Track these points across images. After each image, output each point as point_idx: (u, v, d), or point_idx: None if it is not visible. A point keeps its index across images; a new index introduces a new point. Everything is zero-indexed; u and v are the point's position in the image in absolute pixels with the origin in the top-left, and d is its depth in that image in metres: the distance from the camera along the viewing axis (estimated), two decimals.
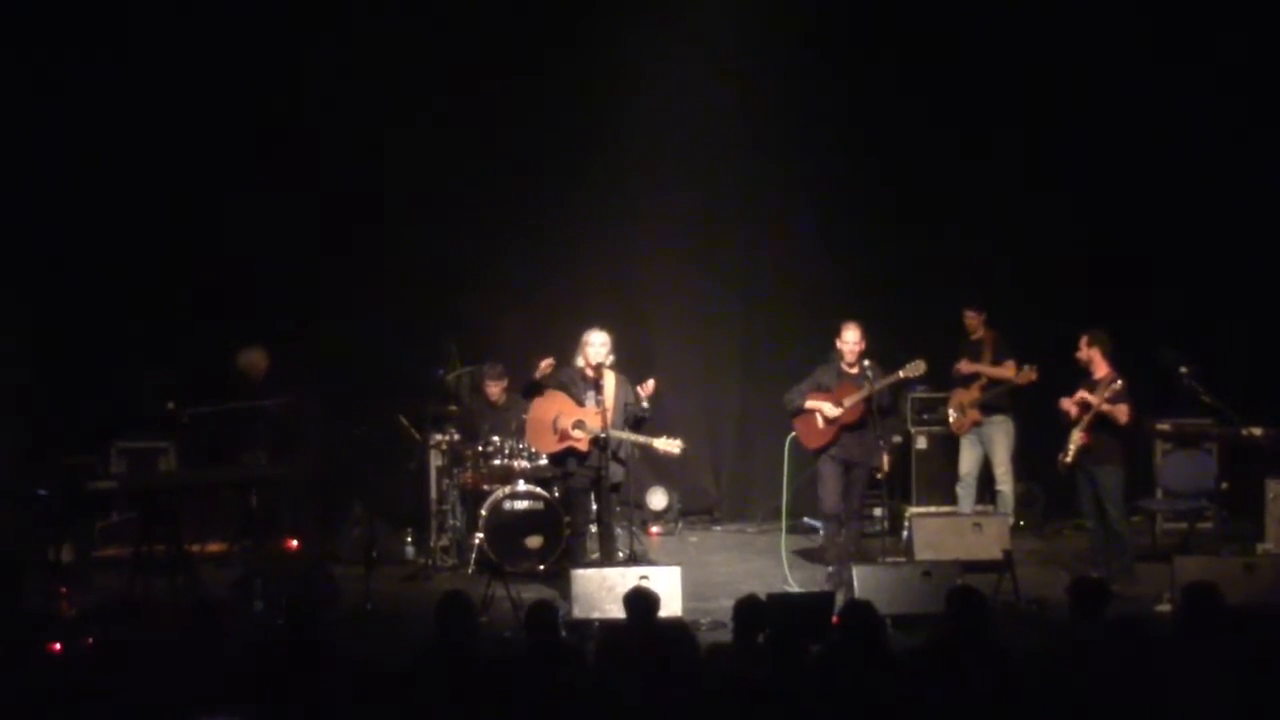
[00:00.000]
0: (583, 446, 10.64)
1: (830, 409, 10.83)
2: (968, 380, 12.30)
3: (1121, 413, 10.58)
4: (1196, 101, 13.05)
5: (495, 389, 12.19)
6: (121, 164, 12.81)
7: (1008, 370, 12.11)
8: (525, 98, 13.52)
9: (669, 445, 10.61)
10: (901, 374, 10.79)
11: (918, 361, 10.89)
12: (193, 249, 12.99)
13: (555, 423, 10.71)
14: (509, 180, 13.57)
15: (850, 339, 10.90)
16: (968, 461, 12.39)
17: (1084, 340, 10.78)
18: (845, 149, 13.59)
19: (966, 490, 12.34)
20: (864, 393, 10.66)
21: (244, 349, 12.13)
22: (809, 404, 10.96)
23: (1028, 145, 13.35)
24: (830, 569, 11.01)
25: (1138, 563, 10.89)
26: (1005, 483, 12.28)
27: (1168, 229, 13.24)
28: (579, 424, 10.62)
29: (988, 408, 12.23)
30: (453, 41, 13.28)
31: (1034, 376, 11.77)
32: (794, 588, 10.84)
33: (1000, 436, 12.29)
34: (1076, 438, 10.69)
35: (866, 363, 10.78)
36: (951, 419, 12.51)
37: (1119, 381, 10.55)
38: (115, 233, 12.87)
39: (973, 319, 12.44)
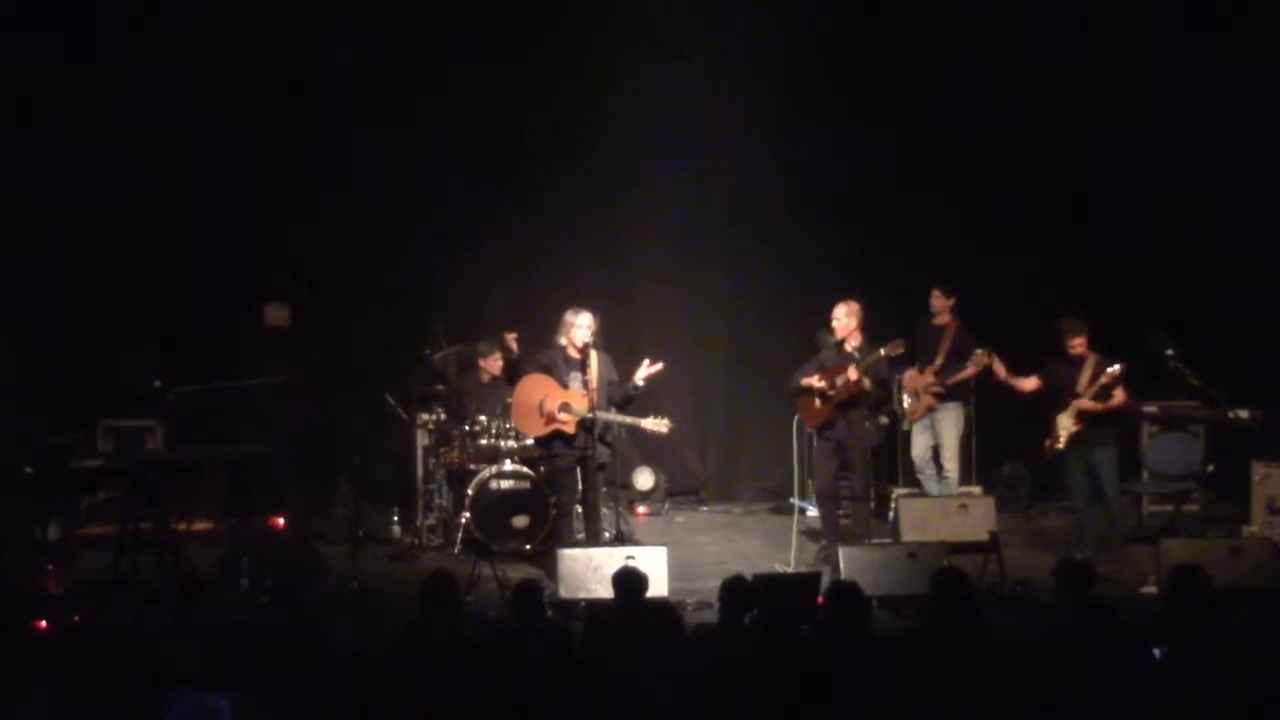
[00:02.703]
0: (569, 429, 10.63)
1: (817, 383, 10.88)
2: (925, 366, 12.14)
3: (1119, 397, 10.71)
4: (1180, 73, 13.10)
5: (496, 363, 12.17)
6: (111, 142, 12.78)
7: (969, 370, 11.99)
8: (514, 80, 13.50)
9: (657, 425, 10.60)
10: (883, 351, 10.77)
11: (897, 340, 10.88)
12: (180, 228, 12.98)
13: (541, 406, 10.68)
14: (497, 160, 13.55)
15: (837, 315, 10.98)
16: (920, 447, 12.22)
17: (1085, 338, 10.83)
18: (837, 129, 13.53)
19: (926, 475, 12.27)
20: (850, 370, 10.67)
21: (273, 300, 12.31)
22: (804, 381, 10.99)
23: (1023, 125, 13.35)
24: (821, 546, 11.07)
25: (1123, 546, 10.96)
26: (954, 468, 12.22)
27: (1153, 211, 13.26)
28: (565, 406, 10.60)
29: (946, 394, 12.12)
30: (446, 23, 13.27)
31: (988, 361, 11.66)
32: (788, 567, 10.84)
33: (952, 422, 12.14)
34: (1067, 424, 10.73)
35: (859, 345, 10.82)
36: (906, 405, 12.28)
37: (1118, 365, 10.59)
38: (103, 211, 12.84)
39: (939, 300, 12.22)
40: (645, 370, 10.69)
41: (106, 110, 12.74)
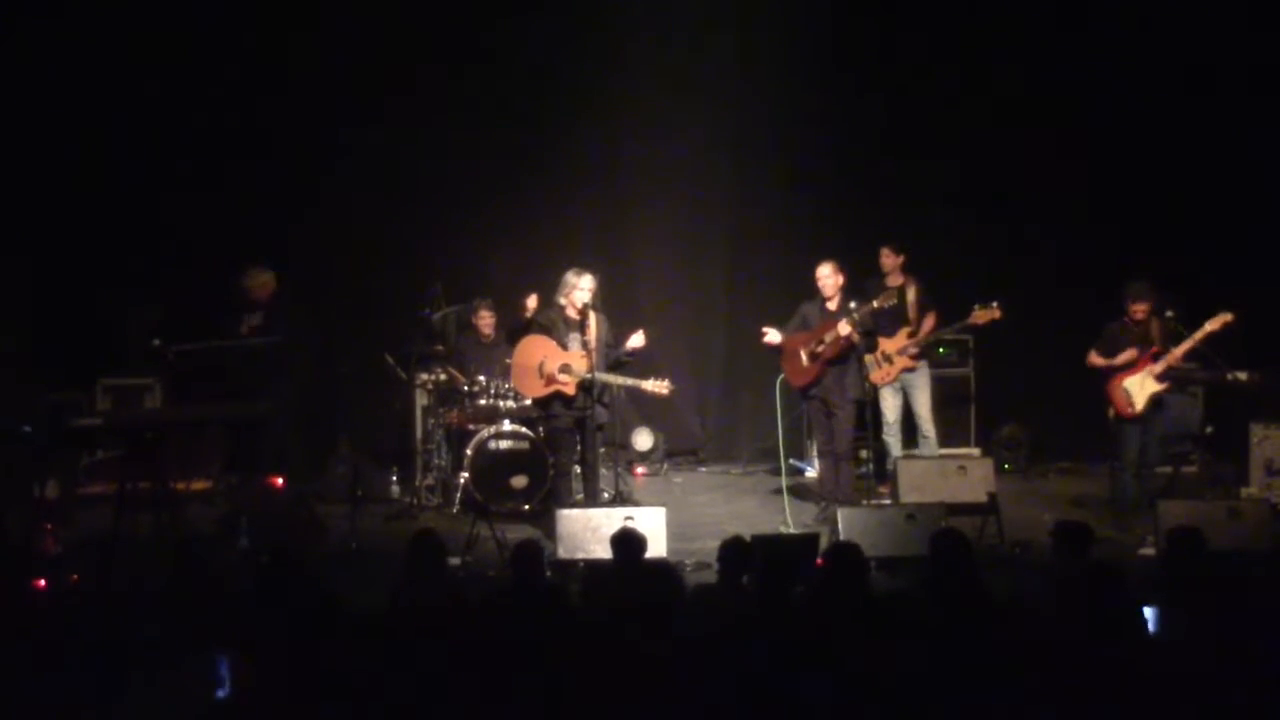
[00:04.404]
0: (570, 390, 10.62)
1: (805, 343, 10.94)
2: (890, 328, 12.01)
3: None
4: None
5: (487, 320, 12.19)
6: (111, 101, 12.80)
7: (929, 322, 11.97)
8: (516, 40, 13.48)
9: (658, 386, 10.61)
10: (875, 304, 10.78)
11: (890, 291, 10.90)
12: (182, 186, 12.97)
13: (541, 367, 10.67)
14: (498, 121, 13.54)
15: (821, 274, 11.05)
16: (892, 409, 12.19)
17: (1149, 304, 10.73)
18: (833, 92, 13.55)
19: (894, 438, 12.25)
20: (841, 325, 10.69)
21: (252, 270, 11.62)
22: (775, 339, 11.08)
23: (1022, 82, 13.34)
24: (821, 506, 11.11)
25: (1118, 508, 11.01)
26: (932, 429, 12.21)
27: (1152, 168, 13.23)
28: (565, 368, 10.59)
29: (920, 355, 12.08)
30: None
31: (997, 314, 11.60)
32: (790, 528, 10.86)
33: (924, 383, 12.15)
34: (1152, 386, 10.69)
35: (852, 304, 10.80)
36: (873, 370, 11.89)
37: (1229, 315, 10.57)
38: (104, 169, 12.84)
39: (889, 258, 12.11)
40: (635, 340, 10.68)
41: (110, 60, 12.74)
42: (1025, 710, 6.30)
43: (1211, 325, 10.54)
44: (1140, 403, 10.73)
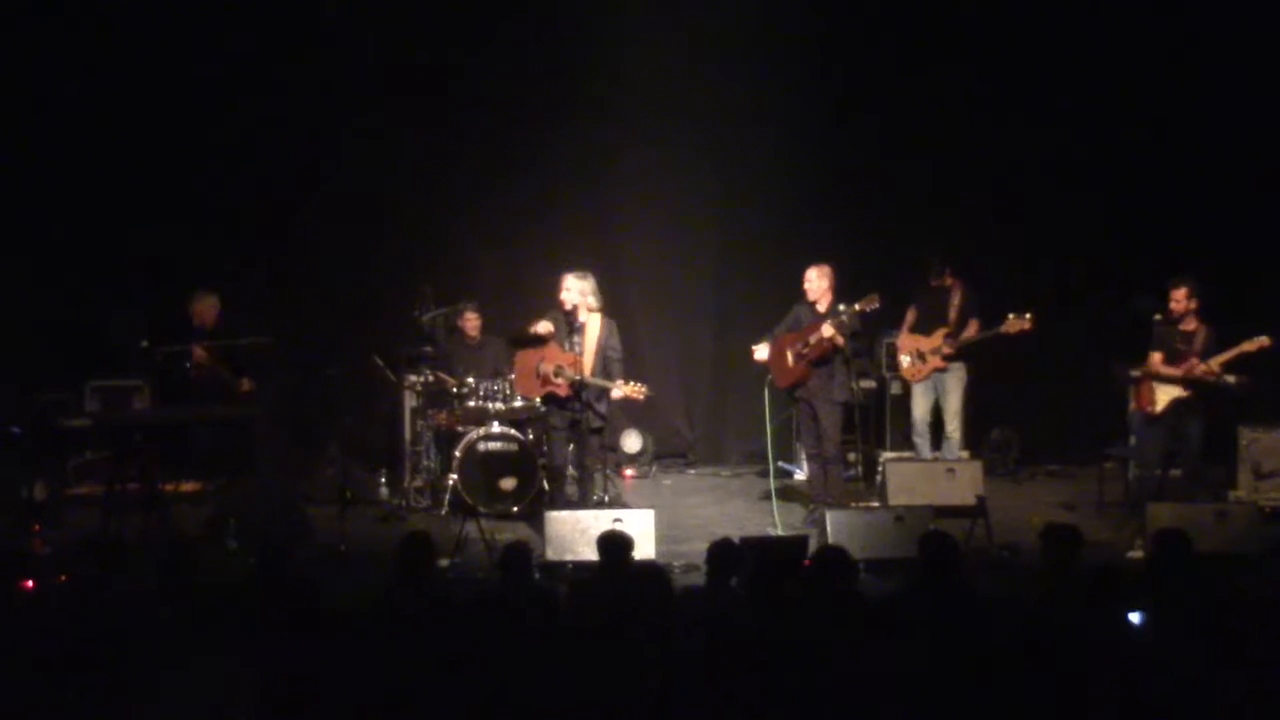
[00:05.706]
0: (563, 392, 10.63)
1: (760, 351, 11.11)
2: (929, 327, 12.15)
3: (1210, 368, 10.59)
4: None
5: (473, 322, 12.19)
6: (93, 103, 12.80)
7: (973, 328, 11.97)
8: (504, 40, 13.46)
9: (634, 390, 10.54)
10: (857, 307, 10.77)
11: (872, 295, 10.88)
12: (168, 186, 12.96)
13: (539, 368, 10.70)
14: (486, 122, 13.52)
15: (808, 278, 11.08)
16: (921, 408, 12.23)
17: (1185, 291, 10.61)
18: (823, 94, 13.55)
19: (923, 438, 12.27)
20: (824, 327, 10.71)
21: (198, 294, 11.78)
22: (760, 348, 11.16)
23: (1011, 86, 13.38)
24: (810, 508, 11.11)
25: (1110, 510, 11.00)
26: (957, 429, 12.23)
27: (1146, 169, 13.28)
28: (559, 369, 10.60)
29: (953, 355, 12.11)
30: None
31: (1028, 326, 11.58)
32: (778, 530, 10.87)
33: (956, 384, 12.14)
34: (1175, 392, 10.62)
35: (841, 307, 10.80)
36: (906, 365, 12.21)
37: (1266, 339, 10.43)
38: (89, 170, 12.84)
39: (935, 276, 12.22)
40: (615, 392, 10.68)
41: (100, 73, 12.76)
42: (1014, 713, 6.31)
43: (1248, 346, 10.48)
44: (1160, 404, 10.68)
